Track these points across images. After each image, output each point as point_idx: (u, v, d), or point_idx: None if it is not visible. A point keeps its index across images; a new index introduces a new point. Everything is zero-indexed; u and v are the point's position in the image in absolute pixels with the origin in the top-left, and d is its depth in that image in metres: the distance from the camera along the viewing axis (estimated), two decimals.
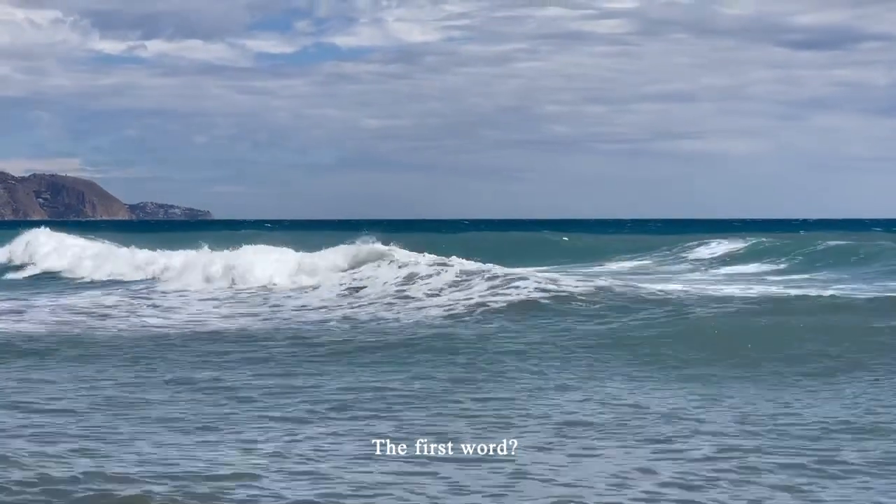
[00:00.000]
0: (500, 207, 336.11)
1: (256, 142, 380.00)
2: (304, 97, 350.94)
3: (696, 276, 39.71)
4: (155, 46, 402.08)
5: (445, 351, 18.45)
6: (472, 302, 25.04)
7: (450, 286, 27.42)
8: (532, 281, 26.34)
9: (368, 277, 30.24)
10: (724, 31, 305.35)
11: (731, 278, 37.82)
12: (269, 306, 27.18)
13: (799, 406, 13.52)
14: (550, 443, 11.60)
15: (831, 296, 24.43)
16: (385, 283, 29.10)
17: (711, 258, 47.40)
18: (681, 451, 11.18)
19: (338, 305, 26.81)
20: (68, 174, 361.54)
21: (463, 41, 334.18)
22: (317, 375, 16.14)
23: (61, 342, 19.93)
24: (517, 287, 25.87)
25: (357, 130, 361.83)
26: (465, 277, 27.93)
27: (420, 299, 26.51)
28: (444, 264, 29.65)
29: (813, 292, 25.60)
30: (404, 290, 27.83)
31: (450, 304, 25.14)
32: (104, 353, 18.67)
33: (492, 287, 26.42)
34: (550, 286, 25.72)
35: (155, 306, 27.63)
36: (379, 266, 30.98)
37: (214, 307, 27.37)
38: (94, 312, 25.77)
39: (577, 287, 25.72)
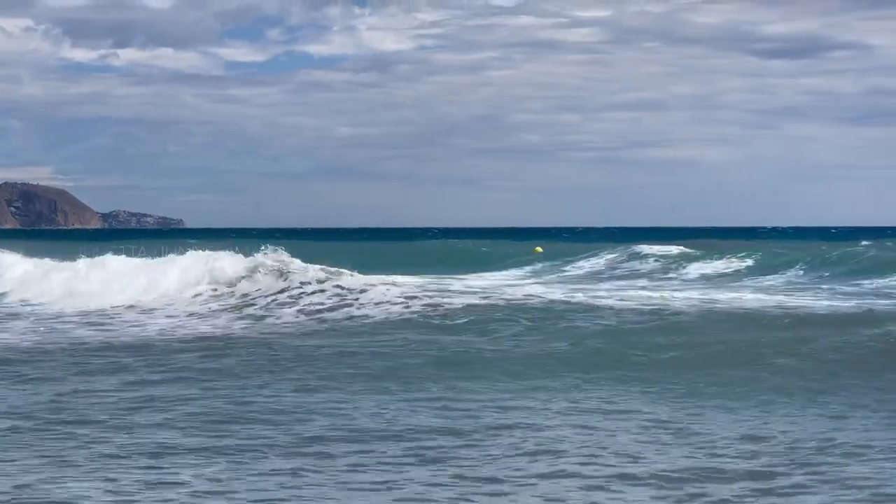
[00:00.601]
0: (472, 216, 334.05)
1: (229, 150, 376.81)
2: (276, 105, 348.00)
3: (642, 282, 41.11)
4: (127, 55, 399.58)
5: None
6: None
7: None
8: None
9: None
10: (696, 39, 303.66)
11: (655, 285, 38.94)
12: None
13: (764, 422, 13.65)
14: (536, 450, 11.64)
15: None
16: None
17: (653, 265, 48.77)
18: (660, 464, 11.26)
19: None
20: (40, 182, 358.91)
21: (435, 49, 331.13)
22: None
23: None
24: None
25: (330, 139, 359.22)
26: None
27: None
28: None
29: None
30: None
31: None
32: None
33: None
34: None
35: None
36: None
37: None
38: None
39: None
